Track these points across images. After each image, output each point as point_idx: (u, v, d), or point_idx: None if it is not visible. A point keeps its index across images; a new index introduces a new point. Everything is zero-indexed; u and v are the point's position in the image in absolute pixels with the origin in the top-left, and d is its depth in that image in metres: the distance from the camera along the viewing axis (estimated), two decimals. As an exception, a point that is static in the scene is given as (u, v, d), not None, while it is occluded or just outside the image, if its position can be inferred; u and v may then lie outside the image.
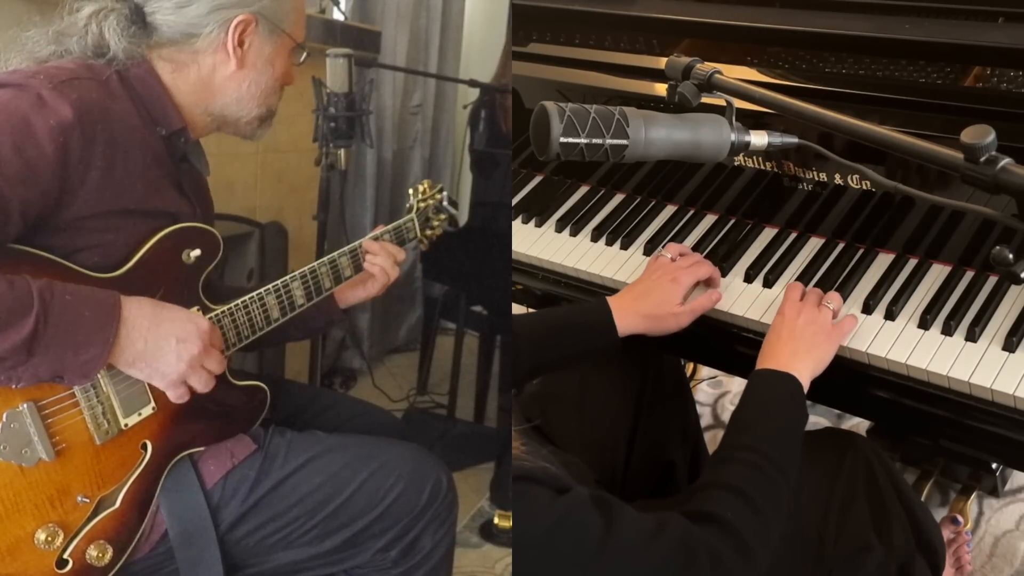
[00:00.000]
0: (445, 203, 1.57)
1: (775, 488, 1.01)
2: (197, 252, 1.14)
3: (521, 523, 0.88)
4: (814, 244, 1.35)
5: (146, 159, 1.09)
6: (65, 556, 1.04)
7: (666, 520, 0.94)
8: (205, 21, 1.12)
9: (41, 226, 1.00)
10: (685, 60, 1.13)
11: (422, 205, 1.54)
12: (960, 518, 1.71)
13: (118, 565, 1.08)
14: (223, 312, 1.18)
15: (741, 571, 0.95)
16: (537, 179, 1.62)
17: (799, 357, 1.12)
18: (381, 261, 1.39)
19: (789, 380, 1.10)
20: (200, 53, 1.14)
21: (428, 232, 1.56)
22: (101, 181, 1.02)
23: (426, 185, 1.56)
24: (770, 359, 1.14)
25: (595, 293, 1.41)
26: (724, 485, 1.00)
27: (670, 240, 1.41)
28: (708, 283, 1.31)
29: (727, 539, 0.94)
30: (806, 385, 1.11)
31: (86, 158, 1.00)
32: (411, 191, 1.55)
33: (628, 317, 1.23)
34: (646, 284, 1.27)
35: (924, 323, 1.19)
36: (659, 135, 1.03)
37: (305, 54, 1.24)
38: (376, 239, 1.41)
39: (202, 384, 1.08)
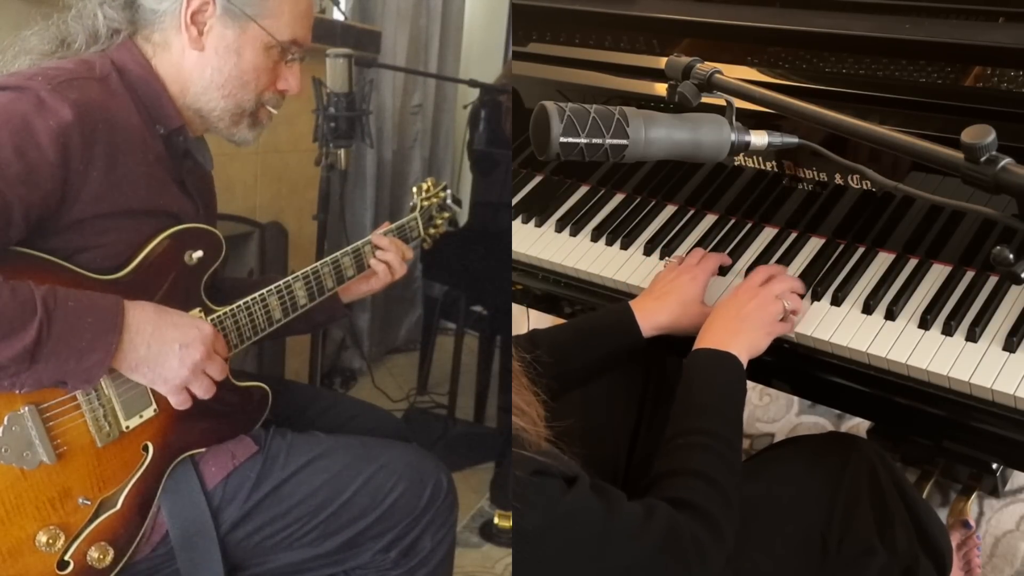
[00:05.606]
0: (449, 201, 1.57)
1: (731, 466, 1.07)
2: (199, 253, 1.14)
3: (535, 515, 0.91)
4: (814, 244, 1.35)
5: (147, 158, 1.09)
6: (66, 558, 1.04)
7: (652, 506, 1.00)
8: None
9: (43, 228, 1.00)
10: (685, 60, 1.13)
11: (426, 204, 1.54)
12: (971, 522, 1.70)
13: (119, 566, 1.08)
14: (225, 313, 1.18)
15: (715, 550, 1.02)
16: (537, 179, 1.61)
17: (740, 338, 1.16)
18: (390, 257, 1.40)
19: (731, 360, 1.14)
20: (168, 32, 1.13)
21: (431, 231, 1.55)
22: (102, 181, 1.02)
23: (430, 183, 1.56)
24: (712, 336, 1.17)
25: (595, 293, 1.40)
26: (690, 471, 1.05)
27: (670, 239, 1.42)
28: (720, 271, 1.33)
29: (701, 521, 1.01)
30: (744, 363, 1.15)
31: (87, 158, 1.00)
32: (415, 189, 1.55)
33: (654, 316, 1.25)
34: (664, 285, 1.28)
35: (924, 323, 1.19)
36: (659, 135, 1.02)
37: (294, 55, 1.19)
38: (385, 235, 1.42)
39: (203, 390, 1.08)
